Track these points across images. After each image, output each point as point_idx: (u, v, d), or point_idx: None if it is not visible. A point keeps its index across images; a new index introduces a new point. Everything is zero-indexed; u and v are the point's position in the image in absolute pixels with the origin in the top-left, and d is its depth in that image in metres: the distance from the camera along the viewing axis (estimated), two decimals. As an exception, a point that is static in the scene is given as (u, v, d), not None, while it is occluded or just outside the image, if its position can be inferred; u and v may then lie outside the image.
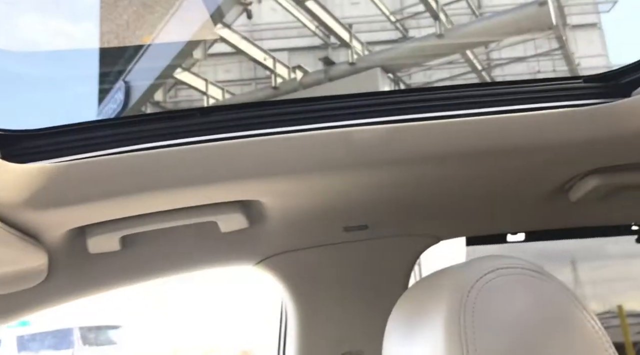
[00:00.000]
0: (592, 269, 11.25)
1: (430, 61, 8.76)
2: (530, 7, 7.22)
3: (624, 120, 0.85)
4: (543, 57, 9.38)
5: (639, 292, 11.16)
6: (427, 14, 7.84)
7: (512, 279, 0.63)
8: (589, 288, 11.30)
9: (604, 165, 0.94)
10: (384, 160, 0.87)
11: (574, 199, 1.00)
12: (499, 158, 0.91)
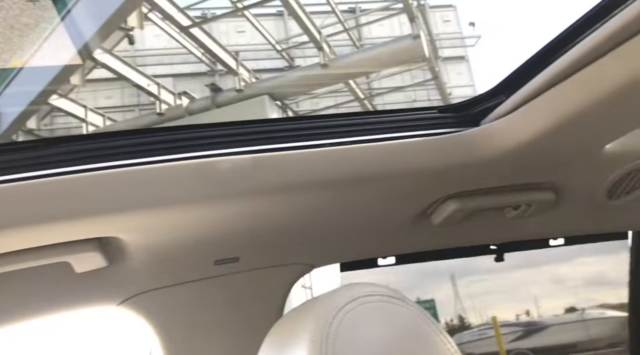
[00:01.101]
0: (469, 284, 11.89)
1: (316, 89, 9.00)
2: (405, 40, 7.69)
3: (475, 148, 0.91)
4: (419, 87, 10.01)
5: (511, 303, 11.95)
6: (312, 44, 8.07)
7: (372, 306, 0.63)
8: (468, 302, 11.92)
9: (460, 190, 0.99)
10: (251, 190, 0.85)
11: (436, 222, 1.05)
12: (364, 185, 0.93)
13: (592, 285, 10.20)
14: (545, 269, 10.06)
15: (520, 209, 1.09)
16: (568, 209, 1.16)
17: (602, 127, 0.88)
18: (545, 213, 1.14)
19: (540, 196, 1.06)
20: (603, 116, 0.82)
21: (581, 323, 9.05)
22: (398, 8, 8.46)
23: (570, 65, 0.76)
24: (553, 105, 0.82)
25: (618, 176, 1.08)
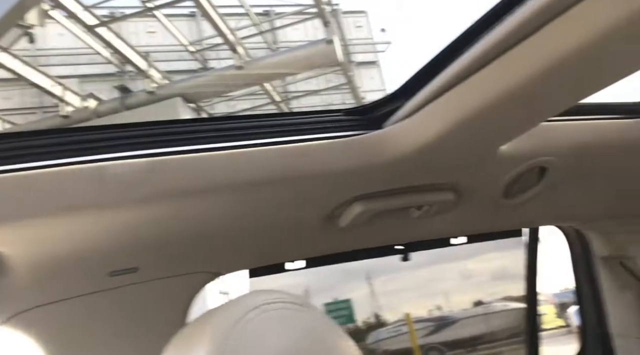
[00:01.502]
0: (385, 282, 12.18)
1: (231, 92, 8.88)
2: (319, 44, 7.77)
3: (378, 150, 0.92)
4: (334, 91, 10.15)
5: (424, 299, 12.36)
6: (226, 46, 7.95)
7: (275, 314, 0.61)
8: (384, 299, 12.21)
9: (366, 192, 1.00)
10: (148, 196, 0.81)
11: (344, 224, 1.05)
12: (269, 189, 0.91)
13: (497, 279, 10.78)
14: (454, 265, 10.53)
15: (424, 209, 1.12)
16: (468, 208, 1.20)
17: (496, 129, 0.91)
18: (447, 213, 1.17)
19: (441, 196, 1.09)
20: (496, 118, 0.85)
21: (488, 316, 9.56)
22: (312, 12, 8.55)
23: (464, 69, 0.78)
24: (449, 108, 0.84)
25: (513, 176, 1.13)
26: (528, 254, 1.68)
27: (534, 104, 0.84)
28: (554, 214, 1.45)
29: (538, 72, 0.72)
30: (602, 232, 1.56)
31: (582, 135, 1.12)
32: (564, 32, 0.67)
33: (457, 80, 0.80)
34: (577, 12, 0.64)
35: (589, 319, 1.68)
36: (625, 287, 1.59)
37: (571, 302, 9.96)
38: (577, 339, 1.77)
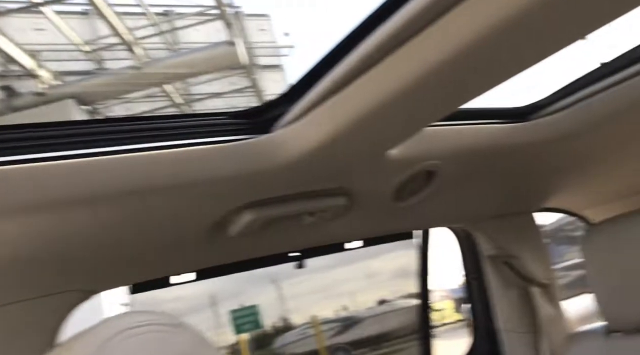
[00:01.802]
0: (293, 285, 12.20)
1: (128, 94, 8.49)
2: (222, 46, 7.64)
3: (266, 155, 0.89)
4: (238, 94, 10.02)
5: (331, 300, 12.53)
6: (124, 46, 7.60)
7: (142, 338, 0.56)
8: (292, 303, 12.23)
9: (256, 199, 0.97)
10: (4, 209, 0.72)
11: (234, 233, 1.01)
12: (150, 197, 0.85)
13: (399, 277, 11.17)
14: (360, 265, 10.78)
15: (316, 215, 1.10)
16: (361, 212, 1.20)
17: (383, 133, 0.91)
18: (340, 218, 1.17)
19: (333, 202, 1.08)
20: (383, 122, 0.85)
21: (391, 313, 9.86)
22: (214, 14, 8.38)
23: (349, 73, 0.77)
24: (337, 112, 0.82)
25: (403, 180, 1.14)
26: (420, 255, 1.72)
27: (417, 108, 0.84)
28: (443, 215, 1.49)
29: (420, 76, 0.72)
30: (487, 232, 1.63)
31: (466, 139, 1.16)
32: (443, 36, 0.67)
33: (343, 84, 0.79)
34: (454, 17, 0.65)
35: (479, 315, 1.76)
36: (510, 285, 1.67)
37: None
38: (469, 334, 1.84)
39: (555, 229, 6.17)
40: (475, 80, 0.80)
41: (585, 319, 1.77)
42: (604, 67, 1.19)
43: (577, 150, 1.37)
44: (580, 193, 1.81)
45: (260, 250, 1.18)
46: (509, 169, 1.36)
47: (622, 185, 1.84)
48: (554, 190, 1.66)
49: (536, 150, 1.30)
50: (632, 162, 1.59)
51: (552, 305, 1.69)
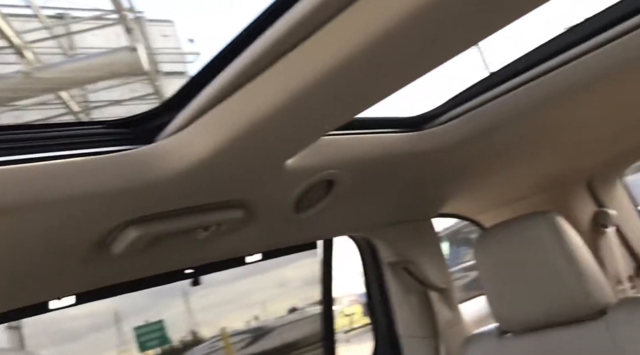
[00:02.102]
0: (201, 297, 11.90)
1: (17, 101, 7.90)
2: (122, 51, 7.32)
3: (151, 167, 0.83)
4: (140, 101, 9.64)
5: (242, 311, 12.35)
6: (12, 50, 7.06)
7: None
8: (200, 315, 11.92)
9: (141, 214, 0.90)
10: None
11: (118, 252, 0.93)
12: (22, 214, 0.76)
13: (310, 284, 11.22)
14: (271, 274, 10.69)
15: (211, 229, 1.05)
16: (260, 224, 1.17)
17: (279, 142, 0.88)
18: (237, 231, 1.12)
19: (229, 214, 1.04)
20: (277, 131, 0.82)
21: (301, 321, 9.87)
22: (113, 18, 8.02)
23: (238, 77, 0.73)
24: (226, 119, 0.78)
25: (302, 190, 1.12)
26: (323, 264, 1.71)
27: (313, 116, 0.82)
28: (343, 224, 1.49)
29: (313, 82, 0.70)
30: (387, 239, 1.66)
31: (363, 148, 1.16)
32: (334, 41, 0.65)
33: (231, 90, 0.75)
34: (345, 20, 0.63)
35: (380, 321, 1.77)
36: (410, 291, 1.71)
37: (376, 301, 10.70)
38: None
39: (454, 231, 6.45)
40: (370, 88, 0.79)
41: (483, 320, 1.85)
42: (492, 77, 1.24)
43: (469, 158, 1.42)
44: (473, 199, 1.88)
45: (149, 269, 1.11)
46: (406, 177, 1.38)
47: (511, 191, 1.94)
48: (449, 197, 1.72)
49: (431, 158, 1.33)
50: (518, 168, 1.68)
51: (450, 309, 1.75)
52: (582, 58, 1.07)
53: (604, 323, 1.27)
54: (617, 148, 1.85)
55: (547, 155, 1.63)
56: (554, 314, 1.32)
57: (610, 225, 2.05)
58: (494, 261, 1.42)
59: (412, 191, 1.51)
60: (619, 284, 1.98)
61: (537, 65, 1.14)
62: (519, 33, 5.94)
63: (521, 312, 1.37)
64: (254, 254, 1.36)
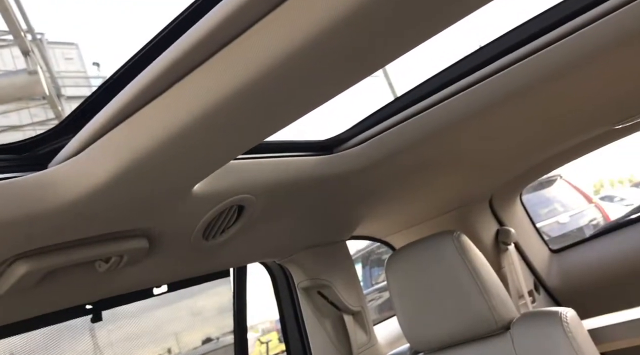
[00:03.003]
0: (110, 332, 11.33)
1: None
2: (20, 74, 6.88)
3: (42, 195, 0.76)
4: (39, 126, 9.09)
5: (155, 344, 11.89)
6: None
7: None
8: (111, 351, 11.29)
9: (31, 248, 0.82)
10: None
11: (4, 290, 0.85)
12: None
13: (225, 312, 10.93)
14: (184, 303, 10.27)
15: (112, 261, 0.98)
16: (166, 254, 1.11)
17: (184, 167, 0.84)
18: (142, 261, 1.06)
19: (131, 245, 0.98)
20: (181, 155, 0.78)
21: (216, 351, 9.56)
22: (8, 40, 7.54)
23: (137, 99, 0.69)
24: (124, 143, 0.73)
25: (210, 217, 1.08)
26: (236, 292, 1.67)
27: (218, 140, 0.79)
28: (256, 251, 1.46)
29: (215, 105, 0.67)
30: (300, 264, 1.64)
31: (275, 172, 1.14)
32: (233, 66, 0.64)
33: (129, 113, 0.71)
34: (245, 43, 0.62)
35: (294, 347, 1.74)
36: (324, 315, 1.69)
37: (293, 326, 10.60)
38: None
39: (367, 252, 6.55)
40: (276, 112, 0.78)
41: (398, 341, 1.87)
42: (398, 101, 1.28)
43: (378, 180, 1.45)
44: (383, 220, 1.92)
45: (45, 306, 1.02)
46: (318, 200, 1.38)
47: (419, 211, 2.00)
48: (361, 219, 1.74)
49: (342, 181, 1.34)
50: (425, 190, 1.74)
51: (365, 331, 1.75)
52: (479, 84, 1.13)
53: (509, 338, 1.32)
54: (515, 169, 1.97)
55: (451, 177, 1.70)
56: (462, 331, 1.36)
57: (510, 243, 2.17)
58: (403, 281, 1.45)
59: (324, 214, 1.51)
60: (520, 298, 2.09)
61: (439, 90, 1.19)
62: (425, 58, 6.11)
63: (431, 331, 1.40)
64: (161, 285, 1.29)
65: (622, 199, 11.29)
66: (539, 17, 1.07)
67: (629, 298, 1.96)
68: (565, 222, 5.80)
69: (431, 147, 1.34)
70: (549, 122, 1.46)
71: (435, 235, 1.43)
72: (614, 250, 2.20)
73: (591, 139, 1.84)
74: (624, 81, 1.27)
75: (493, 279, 1.37)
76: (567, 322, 1.26)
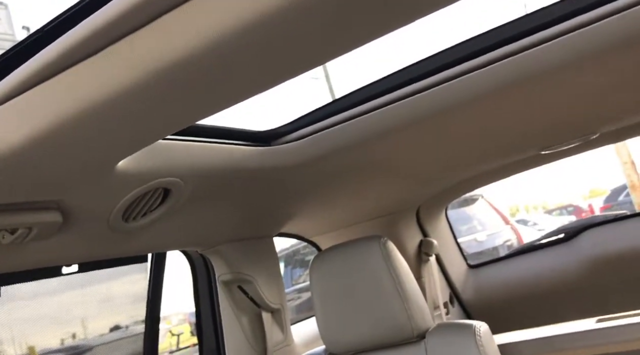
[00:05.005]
0: (11, 310, 10.75)
1: None
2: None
3: None
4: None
5: (59, 328, 11.39)
6: None
7: None
8: (8, 331, 10.68)
9: None
10: None
11: None
12: None
13: (137, 301, 10.60)
14: (94, 288, 9.85)
15: (19, 232, 0.90)
16: (81, 231, 1.04)
17: (108, 140, 0.78)
18: (53, 236, 0.99)
19: (43, 217, 0.90)
20: (106, 126, 0.72)
21: (124, 340, 9.24)
22: None
23: (62, 58, 0.62)
24: (43, 105, 0.66)
25: (132, 198, 1.02)
26: (151, 279, 1.60)
27: (146, 116, 0.74)
28: (178, 238, 1.40)
29: (144, 78, 0.62)
30: (224, 256, 1.60)
31: (206, 158, 1.10)
32: (167, 37, 0.59)
33: (51, 73, 0.64)
34: (180, 14, 0.57)
35: (207, 341, 1.70)
36: (242, 311, 1.66)
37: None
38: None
39: (292, 252, 6.56)
40: (209, 94, 0.73)
41: (315, 342, 1.86)
42: (339, 102, 1.27)
43: (311, 179, 1.43)
44: (313, 220, 1.91)
45: None
46: (249, 192, 1.35)
47: (348, 215, 2.00)
48: (291, 216, 1.71)
49: (275, 175, 1.31)
50: (356, 193, 1.74)
51: (282, 330, 1.73)
52: (419, 95, 1.15)
53: (423, 347, 1.34)
54: (444, 182, 2.02)
55: (383, 183, 1.71)
56: (378, 337, 1.37)
57: (432, 254, 2.22)
58: (326, 282, 1.44)
59: (254, 207, 1.47)
60: (435, 309, 2.14)
61: (380, 96, 1.19)
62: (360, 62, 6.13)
63: (348, 334, 1.39)
64: (72, 264, 1.21)
65: (535, 223, 11.97)
66: (491, 32, 1.10)
67: (537, 317, 2.05)
68: (482, 241, 6.05)
69: (367, 151, 1.34)
70: (481, 140, 1.50)
71: (363, 239, 1.43)
72: (527, 270, 2.30)
73: (519, 161, 1.91)
74: (557, 108, 1.32)
75: (414, 288, 1.39)
76: (480, 335, 1.29)
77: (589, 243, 2.20)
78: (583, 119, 1.52)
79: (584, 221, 2.51)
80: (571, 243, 2.27)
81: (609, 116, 1.54)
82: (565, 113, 1.40)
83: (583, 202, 16.79)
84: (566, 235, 2.32)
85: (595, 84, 1.20)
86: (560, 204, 18.22)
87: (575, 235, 2.27)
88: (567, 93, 1.22)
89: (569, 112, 1.40)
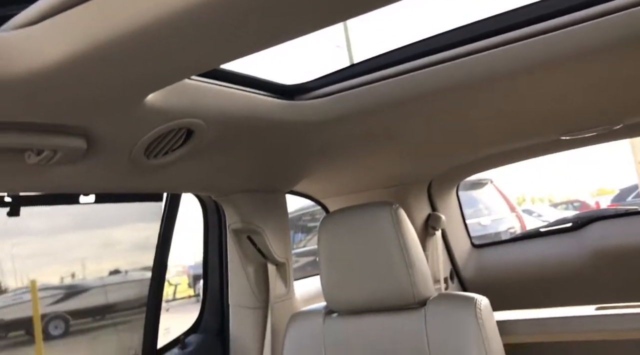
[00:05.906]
0: (15, 245, 10.91)
1: None
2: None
3: None
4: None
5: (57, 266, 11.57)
6: None
7: None
8: (10, 264, 10.92)
9: None
10: None
11: None
12: None
13: (139, 249, 10.75)
14: (99, 232, 9.97)
15: (44, 154, 0.91)
16: (103, 161, 1.05)
17: (139, 71, 0.78)
18: (74, 163, 1.00)
19: (69, 142, 0.91)
20: (138, 57, 0.72)
21: (123, 284, 9.41)
22: None
23: None
24: (84, 25, 0.66)
25: (156, 134, 1.03)
26: (164, 221, 1.62)
27: (178, 49, 0.73)
28: (196, 181, 1.42)
29: (179, 10, 0.62)
30: (236, 205, 1.61)
31: (231, 103, 1.10)
32: None
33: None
34: None
35: (212, 288, 1.73)
36: (249, 261, 1.68)
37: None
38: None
39: (296, 217, 6.62)
40: (237, 37, 0.73)
41: (312, 298, 1.89)
42: (364, 64, 1.27)
43: (330, 138, 1.43)
44: (325, 181, 1.92)
45: None
46: (267, 144, 1.35)
47: (361, 180, 2.01)
48: (305, 174, 1.72)
49: (294, 130, 1.31)
50: (371, 159, 1.75)
51: (285, 283, 1.76)
52: (449, 63, 1.14)
53: (422, 313, 1.36)
54: (459, 158, 2.01)
55: (396, 153, 1.71)
56: (380, 299, 1.39)
57: (439, 228, 2.23)
58: (334, 242, 1.45)
59: (270, 160, 1.48)
60: (435, 283, 2.17)
61: (408, 61, 1.18)
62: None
63: (350, 293, 1.42)
64: (89, 193, 1.23)
65: (539, 215, 11.96)
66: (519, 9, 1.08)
67: (536, 301, 2.07)
68: (486, 225, 6.06)
69: (390, 116, 1.34)
70: (501, 119, 1.49)
71: (374, 204, 1.44)
72: (531, 255, 2.31)
73: (537, 144, 1.90)
74: (583, 93, 1.31)
75: (420, 257, 1.40)
76: (481, 309, 1.31)
77: (596, 235, 2.20)
78: (608, 108, 1.50)
79: (594, 213, 2.50)
80: (578, 233, 2.27)
81: (635, 107, 1.52)
82: (591, 100, 1.38)
83: (590, 199, 16.73)
84: (574, 224, 2.32)
85: (622, 73, 1.18)
86: (567, 198, 18.16)
87: (583, 225, 2.27)
88: (593, 79, 1.21)
89: (595, 99, 1.39)
